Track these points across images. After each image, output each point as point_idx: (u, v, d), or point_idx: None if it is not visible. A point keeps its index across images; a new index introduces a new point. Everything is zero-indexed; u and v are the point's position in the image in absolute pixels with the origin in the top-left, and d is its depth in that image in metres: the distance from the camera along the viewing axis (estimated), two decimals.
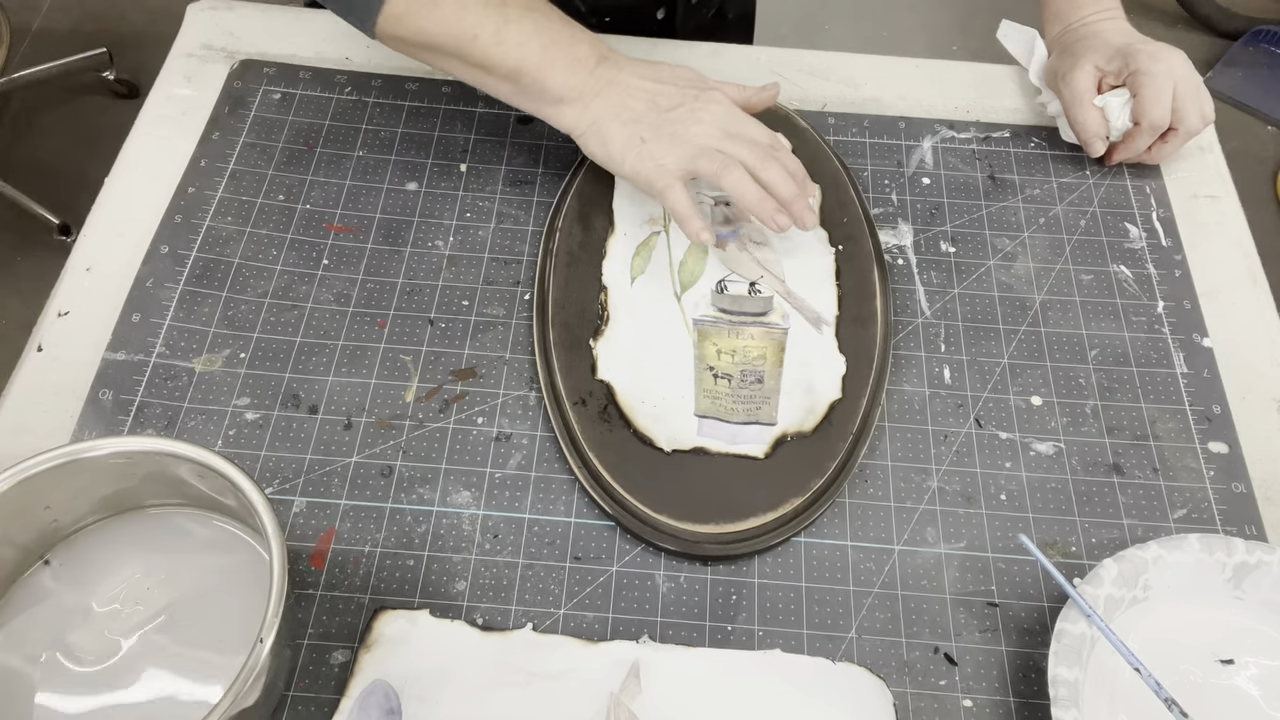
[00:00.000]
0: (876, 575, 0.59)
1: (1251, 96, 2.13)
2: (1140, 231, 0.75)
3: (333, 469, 0.62)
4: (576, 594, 0.58)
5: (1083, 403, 0.66)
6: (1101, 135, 0.75)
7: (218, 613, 0.53)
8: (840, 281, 0.69)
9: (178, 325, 0.66)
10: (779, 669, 0.55)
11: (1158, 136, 0.74)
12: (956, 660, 0.57)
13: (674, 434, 0.63)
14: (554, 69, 0.65)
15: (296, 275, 0.69)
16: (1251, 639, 0.57)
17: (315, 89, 0.79)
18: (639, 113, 0.66)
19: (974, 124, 0.80)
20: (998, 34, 0.82)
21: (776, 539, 0.60)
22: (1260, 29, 2.20)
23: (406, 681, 0.54)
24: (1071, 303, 0.71)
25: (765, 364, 0.65)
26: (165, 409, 0.63)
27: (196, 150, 0.74)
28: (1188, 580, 0.57)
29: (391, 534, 0.60)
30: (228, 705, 0.44)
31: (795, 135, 0.75)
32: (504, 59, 0.65)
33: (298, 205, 0.72)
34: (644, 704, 0.53)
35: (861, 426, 0.64)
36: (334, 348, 0.66)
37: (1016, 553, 0.60)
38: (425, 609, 0.57)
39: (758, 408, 0.64)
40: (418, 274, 0.70)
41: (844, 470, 0.62)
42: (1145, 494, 0.63)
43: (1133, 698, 0.54)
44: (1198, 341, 0.69)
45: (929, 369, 0.68)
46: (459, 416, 0.64)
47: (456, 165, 0.75)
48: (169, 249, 0.69)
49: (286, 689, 0.54)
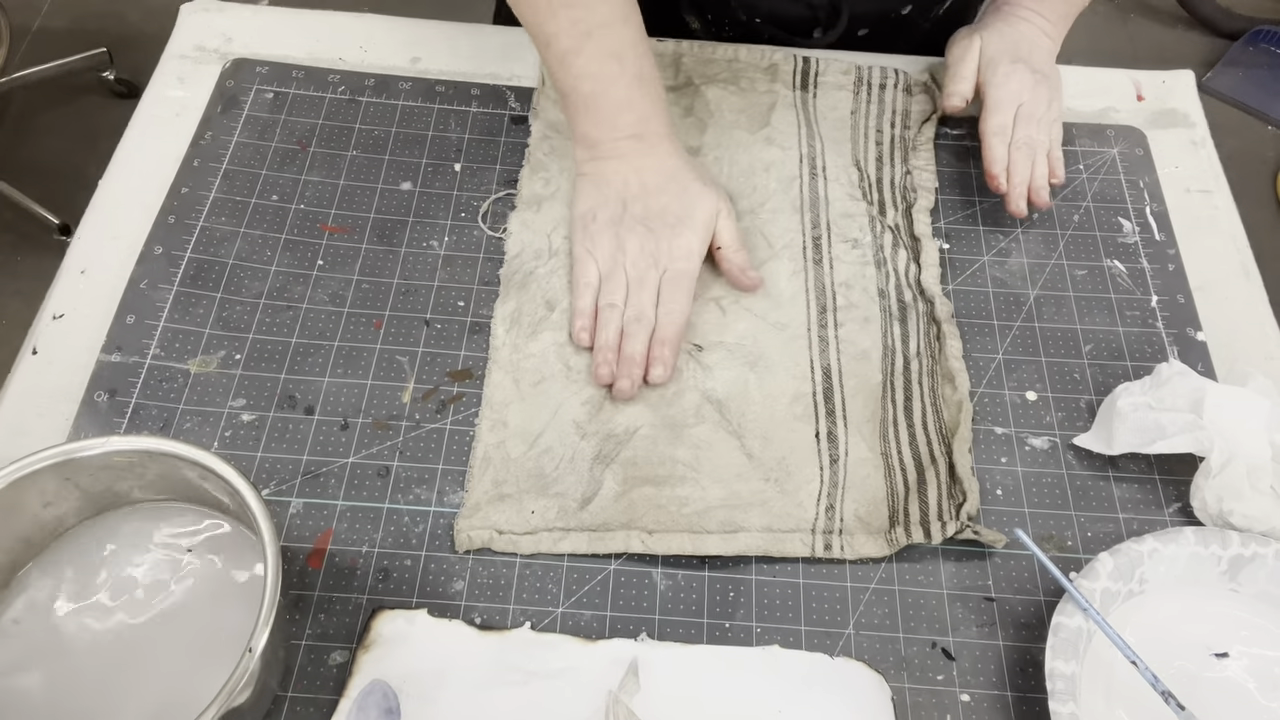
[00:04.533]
0: (874, 571, 0.59)
1: (1251, 96, 2.13)
2: (1134, 226, 0.75)
3: (329, 470, 0.62)
4: (574, 592, 0.58)
5: (1077, 397, 0.66)
6: (961, 97, 0.75)
7: (213, 612, 0.53)
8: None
9: (172, 326, 0.66)
10: (777, 665, 0.56)
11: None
12: (954, 655, 0.57)
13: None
14: (588, 116, 0.68)
15: (291, 276, 0.69)
16: (1247, 631, 0.57)
17: (308, 89, 0.79)
18: (612, 197, 0.68)
19: (967, 120, 0.80)
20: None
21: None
22: (1260, 29, 2.20)
23: (405, 681, 0.54)
24: (1065, 298, 0.71)
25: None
26: (161, 410, 0.63)
27: (190, 151, 0.74)
28: (1183, 573, 0.58)
29: (389, 534, 0.60)
30: (219, 706, 0.45)
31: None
32: (560, 79, 0.67)
33: (292, 205, 0.72)
34: (643, 701, 0.54)
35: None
36: (330, 348, 0.66)
37: (1013, 547, 0.60)
38: (423, 608, 0.57)
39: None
40: (413, 274, 0.70)
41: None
42: (1140, 488, 0.63)
43: (1130, 690, 0.54)
44: (1191, 335, 0.69)
45: None
46: (455, 417, 0.64)
47: (451, 165, 0.75)
48: (163, 250, 0.69)
49: (284, 690, 0.54)
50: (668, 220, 0.67)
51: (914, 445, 0.63)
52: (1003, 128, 0.73)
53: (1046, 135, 0.73)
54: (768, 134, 0.75)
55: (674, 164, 0.69)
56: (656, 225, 0.67)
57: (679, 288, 0.66)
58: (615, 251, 0.67)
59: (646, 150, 0.68)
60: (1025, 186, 0.72)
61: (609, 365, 0.64)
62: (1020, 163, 0.72)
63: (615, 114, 0.67)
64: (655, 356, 0.64)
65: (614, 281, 0.66)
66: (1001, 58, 0.75)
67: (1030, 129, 0.73)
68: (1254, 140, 2.09)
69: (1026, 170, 0.72)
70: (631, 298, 0.66)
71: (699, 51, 0.81)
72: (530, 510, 0.59)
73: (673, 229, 0.67)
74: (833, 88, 0.80)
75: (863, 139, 0.77)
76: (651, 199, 0.68)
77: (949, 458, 0.62)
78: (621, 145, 0.68)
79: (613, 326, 0.65)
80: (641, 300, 0.66)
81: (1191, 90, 0.84)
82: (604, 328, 0.65)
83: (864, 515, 0.60)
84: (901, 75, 0.80)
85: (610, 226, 0.67)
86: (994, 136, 0.73)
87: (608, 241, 0.67)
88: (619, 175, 0.68)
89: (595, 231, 0.67)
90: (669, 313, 0.65)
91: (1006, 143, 0.73)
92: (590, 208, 0.68)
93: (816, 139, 0.76)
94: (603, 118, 0.67)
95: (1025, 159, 0.72)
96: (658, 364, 0.64)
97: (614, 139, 0.68)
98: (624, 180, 0.68)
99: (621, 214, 0.67)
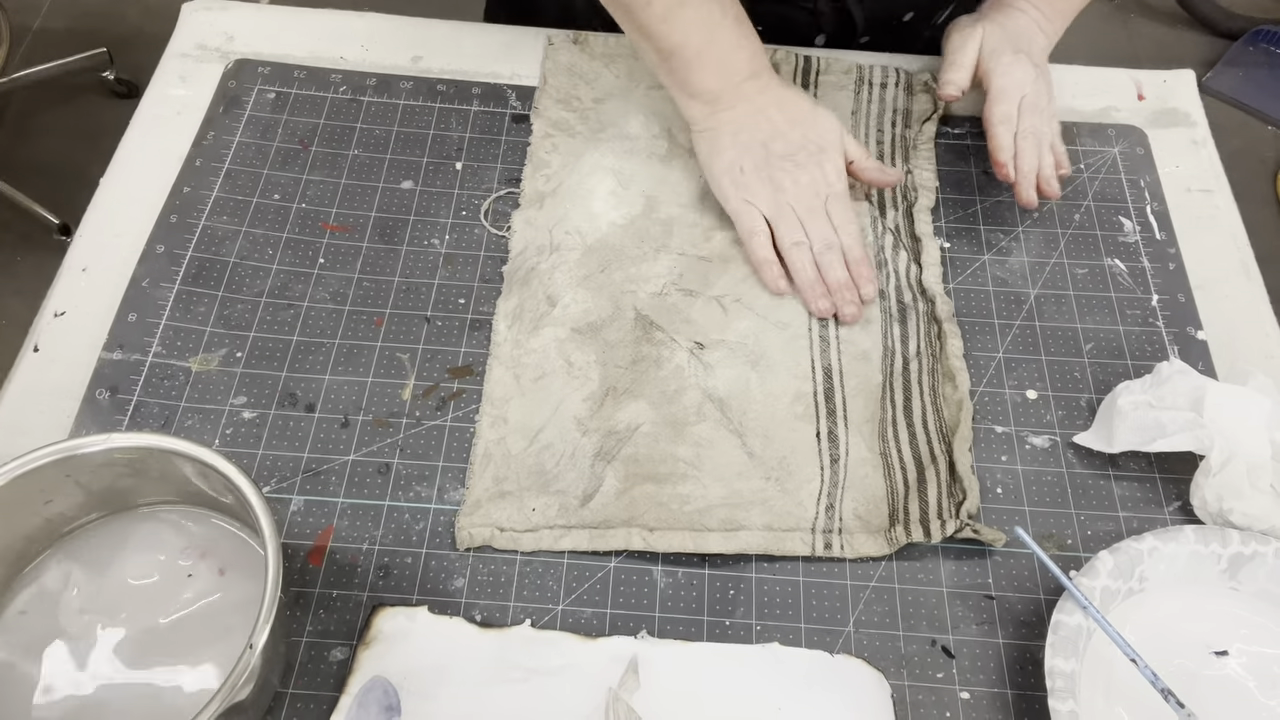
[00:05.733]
0: (874, 569, 0.59)
1: (1251, 96, 2.13)
2: (1134, 225, 0.75)
3: (330, 467, 0.62)
4: (574, 590, 0.58)
5: (1078, 396, 0.66)
6: (957, 86, 0.74)
7: (214, 609, 0.53)
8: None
9: (174, 325, 0.66)
10: (777, 662, 0.56)
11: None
12: (954, 653, 0.57)
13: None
14: (704, 67, 0.67)
15: (293, 274, 0.69)
16: (1246, 629, 0.57)
17: (310, 88, 0.79)
18: (752, 143, 0.68)
19: (968, 119, 0.80)
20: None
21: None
22: (1260, 29, 2.20)
23: (405, 678, 0.54)
24: (1066, 297, 0.71)
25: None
26: (162, 408, 0.63)
27: (192, 150, 0.74)
28: (1183, 572, 0.58)
29: (389, 531, 0.60)
30: (220, 702, 0.45)
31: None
32: (666, 36, 0.67)
33: (293, 204, 0.73)
34: (643, 699, 0.54)
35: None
36: (330, 346, 0.66)
37: (1013, 545, 0.60)
38: (424, 606, 0.57)
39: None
40: (414, 272, 0.70)
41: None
42: (1140, 486, 0.63)
43: (1129, 688, 0.54)
44: (1192, 334, 0.69)
45: None
46: (456, 414, 0.64)
47: (452, 163, 0.76)
48: (165, 249, 0.69)
49: (285, 686, 0.54)
50: (809, 150, 0.68)
51: (914, 444, 0.63)
52: (1008, 116, 0.72)
53: (1049, 128, 0.73)
54: None
55: (791, 95, 0.70)
56: (801, 157, 0.68)
57: (845, 207, 0.68)
58: (775, 193, 0.67)
59: (764, 87, 0.69)
60: (1034, 175, 0.71)
61: (826, 298, 0.66)
62: (1028, 151, 0.71)
63: (731, 57, 0.68)
64: (860, 276, 0.67)
65: (787, 222, 0.67)
66: (1004, 48, 0.74)
67: (1036, 119, 0.72)
68: (1254, 140, 2.09)
69: (1034, 159, 0.71)
70: (811, 230, 0.67)
71: None
72: (531, 508, 0.59)
73: (816, 157, 0.68)
74: (834, 87, 0.80)
75: (863, 138, 0.77)
76: (789, 134, 0.68)
77: (949, 456, 0.62)
78: (745, 88, 0.68)
79: (808, 260, 0.67)
80: (823, 230, 0.67)
81: (1192, 90, 0.84)
82: (801, 266, 0.67)
83: (864, 514, 0.60)
84: (902, 74, 0.80)
85: (761, 170, 0.68)
86: (999, 125, 0.72)
87: (763, 186, 0.68)
88: (750, 119, 0.68)
89: (748, 181, 0.68)
90: (849, 234, 0.68)
91: (1013, 132, 0.72)
92: (733, 159, 0.68)
93: None
94: (720, 65, 0.68)
95: (1032, 148, 0.71)
96: (865, 283, 0.67)
97: (735, 84, 0.68)
98: (755, 123, 0.68)
99: (766, 156, 0.68)
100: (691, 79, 0.68)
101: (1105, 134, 0.80)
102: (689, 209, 0.72)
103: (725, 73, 0.68)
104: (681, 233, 0.71)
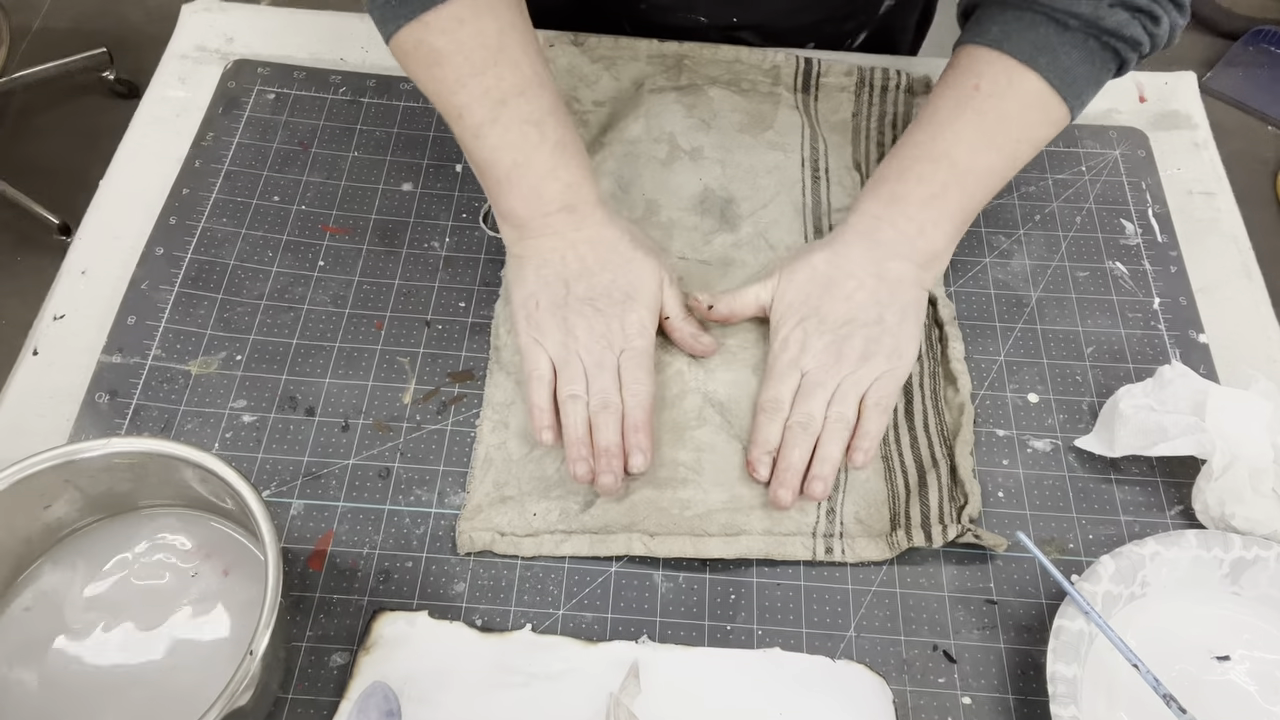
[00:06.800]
0: (875, 573, 0.59)
1: (1251, 96, 2.13)
2: (1136, 228, 0.75)
3: (330, 471, 0.62)
4: (575, 595, 0.58)
5: (1079, 399, 0.66)
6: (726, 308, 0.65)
7: (214, 614, 0.53)
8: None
9: (173, 327, 0.66)
10: (778, 667, 0.55)
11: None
12: (955, 658, 0.57)
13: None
14: (511, 191, 0.63)
15: (292, 277, 0.69)
16: (1248, 634, 0.57)
17: (310, 89, 0.79)
18: (554, 279, 0.63)
19: None
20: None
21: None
22: (1260, 29, 2.20)
23: (406, 683, 0.54)
24: (1068, 299, 0.71)
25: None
26: (162, 412, 0.63)
27: (191, 151, 0.74)
28: (1185, 576, 0.57)
29: (390, 536, 0.60)
30: (220, 708, 0.45)
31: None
32: (476, 152, 0.63)
33: (293, 206, 0.72)
34: (644, 704, 0.53)
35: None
36: (331, 350, 0.66)
37: (1015, 550, 0.60)
38: (424, 610, 0.57)
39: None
40: (414, 275, 0.70)
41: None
42: (1142, 490, 0.63)
43: (1131, 694, 0.54)
44: (1194, 337, 0.69)
45: None
46: (456, 418, 0.64)
47: (452, 166, 0.75)
48: (164, 251, 0.69)
49: (285, 691, 0.54)
50: (615, 297, 0.62)
51: (915, 448, 0.62)
52: (777, 403, 0.62)
53: (845, 406, 0.61)
54: (771, 137, 0.75)
55: (611, 234, 0.64)
56: (604, 304, 0.62)
57: (639, 366, 0.61)
58: (565, 338, 0.61)
59: (579, 222, 0.63)
60: (796, 475, 0.60)
61: (585, 461, 0.59)
62: (793, 444, 0.60)
63: (541, 185, 0.62)
64: (632, 445, 0.59)
65: (570, 370, 0.61)
66: (791, 314, 0.64)
67: (811, 404, 0.61)
68: (1254, 140, 2.09)
69: (798, 454, 0.60)
70: (592, 385, 0.61)
71: (700, 53, 0.80)
72: (532, 513, 0.59)
73: (622, 305, 0.62)
74: (834, 89, 0.79)
75: (864, 141, 0.77)
76: (595, 276, 0.63)
77: (950, 460, 0.62)
78: (553, 220, 0.63)
79: (579, 418, 0.60)
80: (604, 386, 0.60)
81: (1193, 92, 0.84)
82: (570, 422, 0.60)
83: (865, 518, 0.60)
84: (904, 76, 0.80)
85: (556, 310, 0.62)
86: (761, 414, 0.62)
87: (555, 328, 0.61)
88: (555, 253, 0.63)
89: (540, 319, 0.62)
90: (634, 395, 0.60)
91: (782, 420, 0.61)
92: (530, 293, 0.63)
93: (820, 141, 0.76)
94: (529, 190, 0.62)
95: (800, 440, 0.60)
96: (636, 452, 0.59)
97: (544, 214, 0.63)
98: (561, 258, 0.63)
99: (565, 296, 0.62)
100: (500, 200, 0.64)
101: (1107, 136, 0.79)
102: (689, 213, 0.72)
103: (533, 200, 0.62)
104: (682, 236, 0.71)
